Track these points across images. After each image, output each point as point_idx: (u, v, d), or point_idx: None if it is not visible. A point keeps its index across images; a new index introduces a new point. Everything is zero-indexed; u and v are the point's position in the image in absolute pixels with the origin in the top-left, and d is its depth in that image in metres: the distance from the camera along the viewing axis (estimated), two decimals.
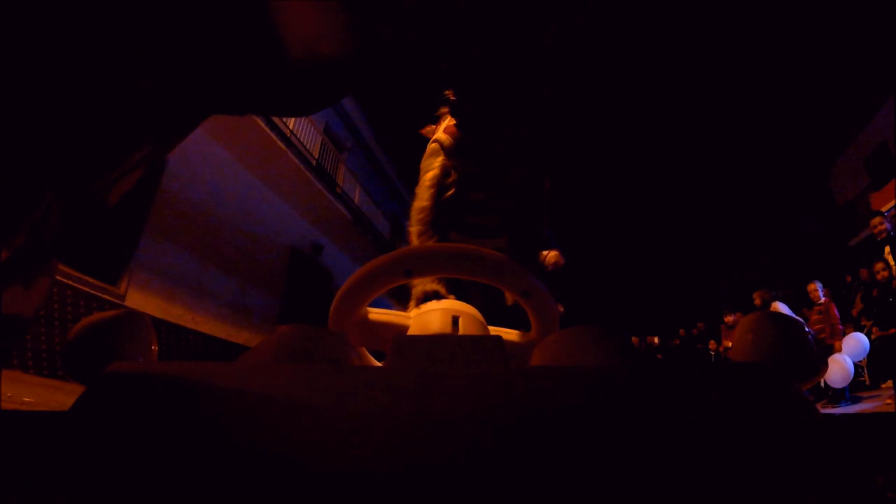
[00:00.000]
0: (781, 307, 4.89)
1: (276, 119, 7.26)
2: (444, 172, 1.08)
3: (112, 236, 5.32)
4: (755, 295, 5.17)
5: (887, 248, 4.43)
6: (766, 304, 5.00)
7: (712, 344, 8.45)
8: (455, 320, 0.75)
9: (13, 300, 0.37)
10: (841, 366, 4.44)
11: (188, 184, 6.34)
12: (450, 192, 1.06)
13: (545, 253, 2.99)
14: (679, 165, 14.80)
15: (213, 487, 0.29)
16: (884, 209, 8.38)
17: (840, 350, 4.64)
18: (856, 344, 4.68)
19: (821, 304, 4.98)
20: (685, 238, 16.33)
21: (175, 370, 0.38)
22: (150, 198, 5.83)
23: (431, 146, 1.15)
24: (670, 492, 0.28)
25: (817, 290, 5.03)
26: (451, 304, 0.80)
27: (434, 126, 1.25)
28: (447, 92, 0.99)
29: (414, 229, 1.09)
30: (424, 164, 1.15)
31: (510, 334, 0.85)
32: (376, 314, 0.80)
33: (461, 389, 0.34)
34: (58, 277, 4.58)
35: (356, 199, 10.16)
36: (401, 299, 0.97)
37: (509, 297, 0.90)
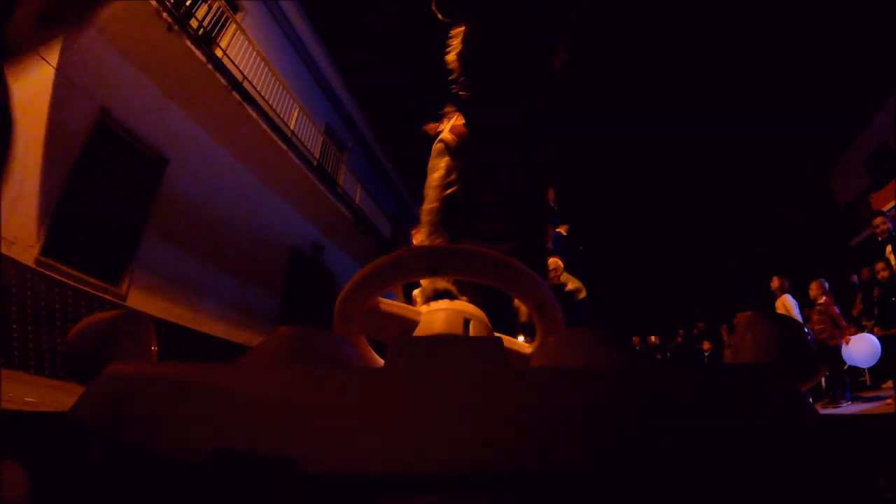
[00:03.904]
0: (790, 300, 4.91)
1: (277, 119, 7.26)
2: (449, 172, 1.08)
3: (113, 236, 5.33)
4: (773, 281, 5.16)
5: (888, 248, 4.42)
6: (783, 290, 5.02)
7: (706, 345, 8.48)
8: (466, 322, 0.75)
9: None
10: (868, 343, 4.45)
11: (189, 184, 6.35)
12: (454, 189, 1.06)
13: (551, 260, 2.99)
14: (679, 166, 14.80)
15: (213, 487, 0.29)
16: (884, 209, 8.37)
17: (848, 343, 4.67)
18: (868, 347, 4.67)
19: (821, 303, 4.97)
20: (685, 240, 16.32)
21: (175, 370, 0.38)
22: (151, 198, 5.83)
23: (437, 146, 1.14)
24: (669, 492, 0.28)
25: (818, 289, 5.02)
26: (462, 306, 0.80)
27: (436, 124, 1.25)
28: (455, 87, 0.99)
29: (423, 230, 1.09)
30: (431, 164, 1.15)
31: (513, 341, 0.85)
32: (387, 305, 0.79)
33: (460, 391, 0.34)
34: (59, 277, 4.58)
35: (357, 199, 10.16)
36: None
37: (524, 313, 0.90)
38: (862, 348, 4.51)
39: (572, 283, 3.28)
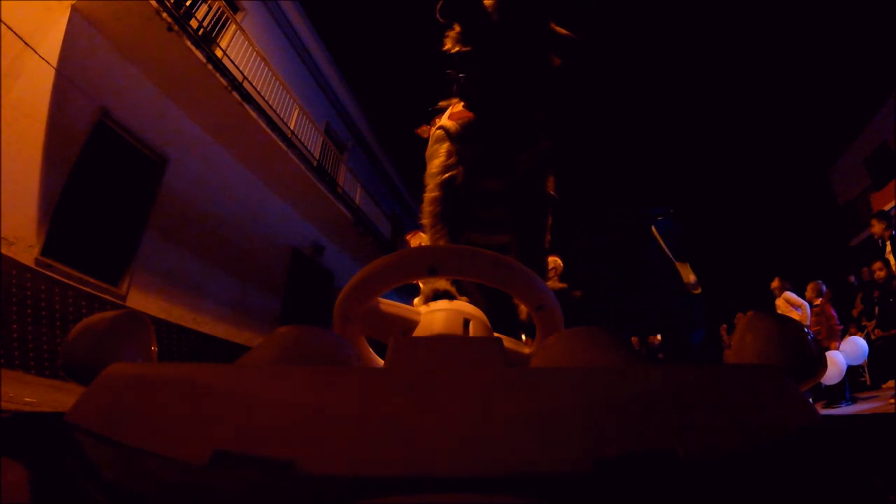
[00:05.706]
0: (793, 296, 4.92)
1: (277, 119, 7.26)
2: (449, 156, 1.07)
3: (113, 236, 5.33)
4: (774, 281, 5.17)
5: (889, 248, 4.42)
6: (783, 290, 5.03)
7: None
8: (466, 323, 0.75)
9: None
10: (833, 362, 4.44)
11: (190, 184, 6.35)
12: (453, 173, 1.05)
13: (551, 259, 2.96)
14: (680, 165, 14.80)
15: (213, 488, 0.29)
16: (886, 208, 8.36)
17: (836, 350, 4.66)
18: (854, 348, 4.66)
19: (817, 305, 4.97)
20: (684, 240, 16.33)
21: (175, 371, 0.38)
22: (151, 198, 5.83)
23: (437, 133, 1.13)
24: (670, 492, 0.28)
25: (814, 290, 5.02)
26: (461, 306, 0.80)
27: (428, 126, 1.25)
28: (452, 72, 0.99)
29: (425, 221, 1.08)
30: (430, 151, 1.14)
31: (513, 341, 0.85)
32: (387, 305, 0.79)
33: (460, 391, 0.34)
34: (59, 278, 4.58)
35: (357, 200, 10.15)
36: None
37: (523, 311, 0.90)
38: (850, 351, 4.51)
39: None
